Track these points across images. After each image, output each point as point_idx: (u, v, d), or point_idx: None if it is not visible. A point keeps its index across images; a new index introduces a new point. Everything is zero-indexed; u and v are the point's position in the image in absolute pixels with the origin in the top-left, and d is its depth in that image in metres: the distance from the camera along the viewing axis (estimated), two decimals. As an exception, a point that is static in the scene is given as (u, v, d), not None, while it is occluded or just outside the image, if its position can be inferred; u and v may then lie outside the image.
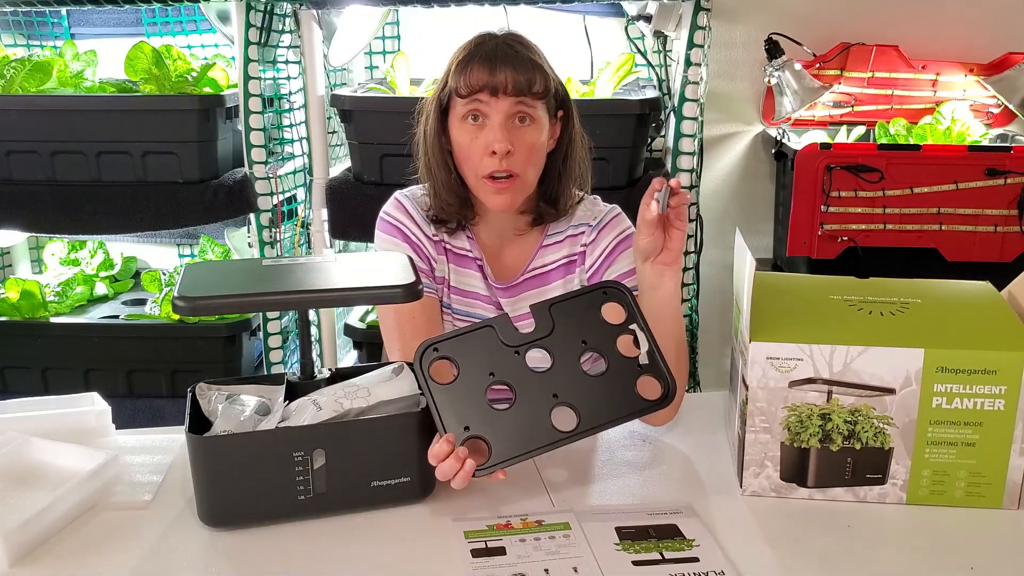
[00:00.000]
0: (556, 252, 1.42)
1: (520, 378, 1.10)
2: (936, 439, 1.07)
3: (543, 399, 1.09)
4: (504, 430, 1.07)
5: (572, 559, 0.97)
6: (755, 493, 1.11)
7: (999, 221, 2.10)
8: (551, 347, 1.13)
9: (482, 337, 1.13)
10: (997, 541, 1.03)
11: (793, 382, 1.07)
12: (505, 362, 1.11)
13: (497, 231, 1.41)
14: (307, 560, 0.99)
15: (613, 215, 1.42)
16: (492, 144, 1.27)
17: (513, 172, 1.29)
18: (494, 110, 1.28)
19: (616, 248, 1.39)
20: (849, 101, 2.38)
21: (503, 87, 1.26)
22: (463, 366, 1.11)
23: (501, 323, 1.14)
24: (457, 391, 1.09)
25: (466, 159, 1.31)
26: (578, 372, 1.12)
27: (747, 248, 1.10)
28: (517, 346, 1.12)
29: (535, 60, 1.30)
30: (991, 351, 1.03)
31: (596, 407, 1.10)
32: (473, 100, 1.28)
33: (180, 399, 1.45)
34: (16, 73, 2.14)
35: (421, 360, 1.10)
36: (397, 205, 1.40)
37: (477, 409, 1.08)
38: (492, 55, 1.28)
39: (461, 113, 1.30)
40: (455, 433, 1.05)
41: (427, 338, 1.12)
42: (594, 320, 1.16)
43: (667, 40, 2.28)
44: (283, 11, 2.12)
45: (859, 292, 1.19)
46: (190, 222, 2.17)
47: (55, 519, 1.02)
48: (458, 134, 1.31)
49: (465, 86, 1.27)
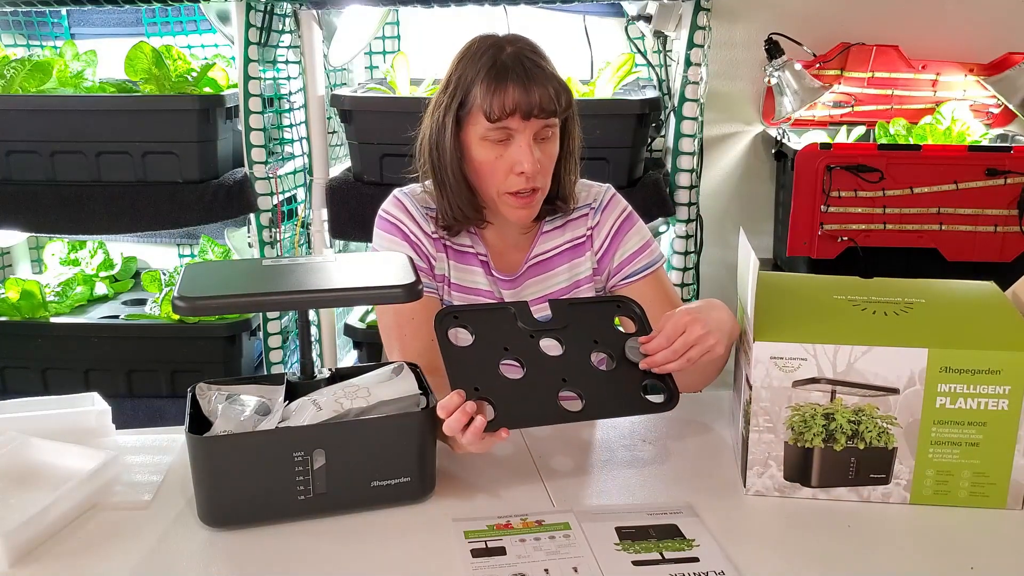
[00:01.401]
0: (558, 238, 1.43)
1: (532, 357, 1.14)
2: (940, 439, 1.07)
3: (553, 380, 1.12)
4: (512, 398, 1.09)
5: (572, 559, 0.97)
6: (759, 493, 1.11)
7: (999, 221, 2.10)
8: (564, 339, 1.17)
9: (501, 315, 1.18)
10: (999, 541, 1.03)
11: (797, 382, 1.07)
12: (520, 342, 1.15)
13: (501, 230, 1.42)
14: (307, 560, 0.99)
15: (611, 195, 1.45)
16: (521, 165, 1.27)
17: (537, 188, 1.31)
18: (522, 132, 1.27)
19: (620, 228, 1.42)
20: (849, 101, 2.39)
21: (536, 110, 1.25)
22: (479, 335, 1.14)
23: (520, 308, 1.19)
24: (471, 354, 1.12)
25: (488, 176, 1.30)
26: (588, 364, 1.16)
27: (751, 248, 1.10)
28: (533, 331, 1.17)
29: (557, 75, 1.29)
30: (995, 351, 1.03)
31: (602, 398, 1.13)
32: (503, 125, 1.26)
33: (180, 399, 1.45)
34: (16, 73, 2.14)
35: (440, 323, 1.13)
36: (396, 203, 1.40)
37: (489, 374, 1.11)
38: (521, 76, 1.25)
39: (484, 133, 1.28)
40: (465, 391, 1.07)
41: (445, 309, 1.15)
42: (606, 325, 1.21)
43: (667, 40, 2.28)
44: (283, 11, 2.12)
45: (863, 292, 1.19)
46: (190, 222, 2.17)
47: (55, 519, 1.02)
48: (479, 151, 1.30)
49: (498, 109, 1.24)
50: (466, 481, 1.15)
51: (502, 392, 1.09)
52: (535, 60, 1.28)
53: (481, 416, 1.04)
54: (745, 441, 1.11)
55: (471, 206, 1.35)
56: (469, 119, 1.29)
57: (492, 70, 1.26)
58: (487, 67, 1.26)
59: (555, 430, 1.30)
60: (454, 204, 1.35)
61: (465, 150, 1.31)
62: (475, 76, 1.27)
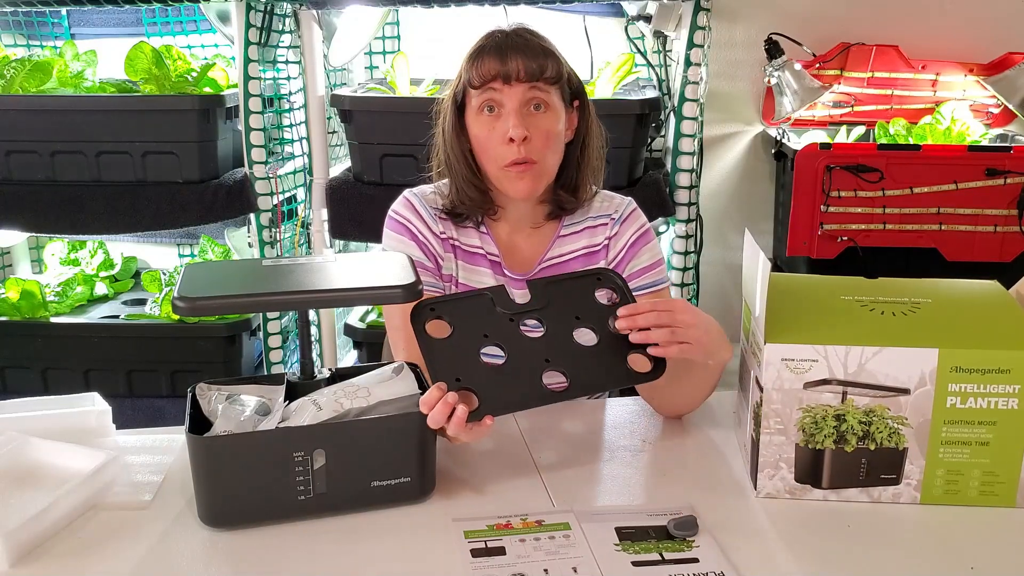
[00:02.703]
0: (574, 243, 1.43)
1: (513, 341, 1.14)
2: (950, 439, 1.07)
3: (535, 362, 1.12)
4: (495, 385, 1.09)
5: (572, 559, 0.97)
6: (769, 495, 1.11)
7: (999, 221, 2.10)
8: (545, 319, 1.17)
9: (478, 303, 1.17)
10: (1001, 541, 1.03)
11: (808, 383, 1.06)
12: (500, 327, 1.15)
13: (515, 223, 1.42)
14: (307, 560, 0.99)
15: (632, 208, 1.46)
16: (509, 131, 1.29)
17: (531, 159, 1.31)
18: (508, 98, 1.30)
19: (637, 242, 1.42)
20: (849, 101, 2.39)
21: (515, 74, 1.28)
22: (457, 326, 1.14)
23: (498, 292, 1.18)
24: (450, 346, 1.12)
25: (485, 151, 1.33)
26: (570, 342, 1.15)
27: (759, 249, 1.10)
28: (512, 314, 1.16)
29: (545, 47, 1.32)
30: (1005, 350, 1.04)
31: (586, 373, 1.13)
32: (487, 90, 1.30)
33: (180, 399, 1.45)
34: (16, 73, 2.14)
35: (416, 317, 1.12)
36: (406, 204, 1.41)
37: (469, 363, 1.10)
38: (502, 45, 1.30)
39: (476, 105, 1.32)
40: (447, 383, 1.07)
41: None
42: (588, 300, 1.20)
43: (667, 40, 2.28)
44: (283, 11, 2.12)
45: (869, 292, 1.18)
46: (190, 222, 2.17)
47: (55, 519, 1.02)
48: (475, 127, 1.33)
49: (478, 76, 1.29)
50: (466, 481, 1.15)
51: (484, 380, 1.09)
52: (523, 35, 1.32)
53: (463, 406, 1.04)
54: (755, 443, 1.11)
55: (476, 189, 1.37)
56: (466, 100, 1.34)
57: (479, 45, 1.32)
58: (477, 46, 1.33)
59: (555, 429, 1.30)
60: (460, 188, 1.37)
61: (468, 132, 1.35)
62: (466, 56, 1.33)
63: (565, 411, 1.36)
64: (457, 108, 1.35)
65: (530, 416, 1.32)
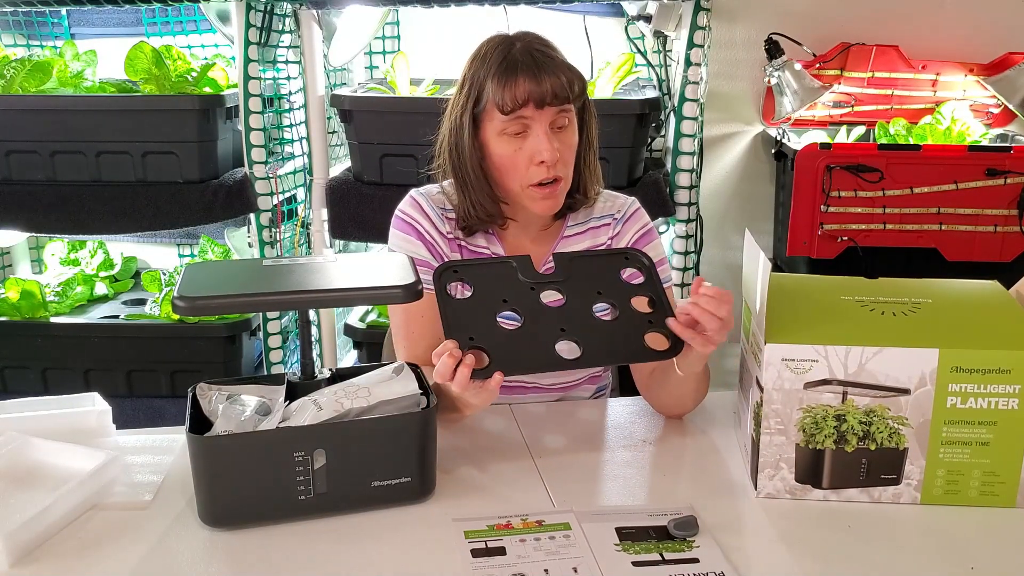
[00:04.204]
0: (578, 243, 1.43)
1: (531, 308, 1.15)
2: (950, 439, 1.07)
3: (551, 330, 1.13)
4: (508, 347, 1.10)
5: (572, 559, 0.97)
6: (770, 495, 1.11)
7: (999, 221, 2.10)
8: (566, 290, 1.18)
9: (502, 269, 1.19)
10: (1001, 541, 1.03)
11: (808, 383, 1.06)
12: (520, 293, 1.16)
13: (523, 228, 1.42)
14: (307, 560, 0.99)
15: (635, 208, 1.46)
16: (541, 155, 1.28)
17: (559, 177, 1.31)
18: (537, 121, 1.29)
19: (639, 241, 1.43)
20: (849, 101, 2.38)
21: (548, 98, 1.27)
22: (478, 288, 1.15)
23: (522, 261, 1.19)
24: (468, 306, 1.13)
25: (510, 170, 1.32)
26: (589, 315, 1.16)
27: (760, 249, 1.10)
28: (534, 283, 1.17)
29: (567, 63, 1.31)
30: (1005, 350, 1.04)
31: (601, 346, 1.13)
32: (517, 116, 1.28)
33: (180, 399, 1.45)
34: (16, 73, 2.14)
35: (439, 277, 1.14)
36: (412, 203, 1.41)
37: (485, 325, 1.12)
38: (531, 66, 1.27)
39: (501, 127, 1.29)
40: (460, 341, 1.08)
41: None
42: (612, 277, 1.21)
43: (667, 40, 2.28)
44: (283, 11, 2.12)
45: (870, 292, 1.18)
46: (190, 222, 2.17)
47: (55, 519, 1.02)
48: (498, 146, 1.31)
49: (511, 101, 1.27)
50: (466, 481, 1.15)
51: (498, 341, 1.10)
52: (544, 51, 1.30)
53: (470, 356, 1.06)
54: (756, 444, 1.11)
55: (492, 203, 1.36)
56: (485, 116, 1.31)
57: (503, 65, 1.28)
58: (498, 63, 1.29)
59: (556, 429, 1.30)
60: (476, 203, 1.36)
61: (484, 148, 1.33)
62: (487, 74, 1.29)
63: (565, 411, 1.36)
64: (472, 121, 1.32)
65: (530, 416, 1.32)
